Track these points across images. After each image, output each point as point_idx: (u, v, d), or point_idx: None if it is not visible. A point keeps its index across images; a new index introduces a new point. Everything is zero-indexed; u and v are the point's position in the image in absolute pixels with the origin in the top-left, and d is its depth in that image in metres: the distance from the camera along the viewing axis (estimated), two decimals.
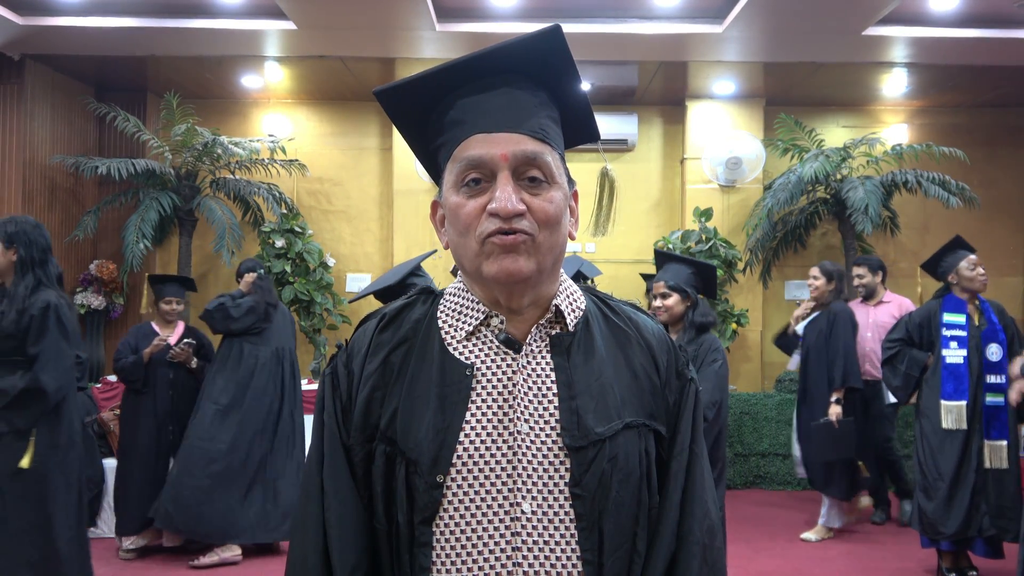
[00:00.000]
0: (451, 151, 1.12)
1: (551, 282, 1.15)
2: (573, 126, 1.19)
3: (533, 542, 1.07)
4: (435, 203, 1.19)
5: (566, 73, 1.14)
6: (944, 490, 4.29)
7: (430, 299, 1.21)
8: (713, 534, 1.16)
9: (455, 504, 1.07)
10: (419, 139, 1.21)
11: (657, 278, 3.51)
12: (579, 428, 1.09)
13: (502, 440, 1.09)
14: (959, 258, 4.44)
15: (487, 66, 1.12)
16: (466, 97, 1.12)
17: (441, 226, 1.18)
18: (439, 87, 1.14)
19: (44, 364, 3.13)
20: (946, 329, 4.42)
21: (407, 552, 1.09)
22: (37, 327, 3.15)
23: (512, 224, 1.06)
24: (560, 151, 1.15)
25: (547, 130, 1.12)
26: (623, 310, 1.23)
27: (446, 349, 1.13)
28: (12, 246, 3.23)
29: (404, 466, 1.09)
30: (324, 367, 1.22)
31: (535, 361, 1.12)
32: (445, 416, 1.09)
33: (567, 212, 1.14)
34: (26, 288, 3.20)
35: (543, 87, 1.14)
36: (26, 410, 3.13)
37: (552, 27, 1.10)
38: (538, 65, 1.12)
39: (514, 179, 1.08)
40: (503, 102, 1.11)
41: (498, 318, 1.13)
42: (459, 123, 1.12)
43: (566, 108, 1.17)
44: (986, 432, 4.30)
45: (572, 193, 1.17)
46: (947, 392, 4.35)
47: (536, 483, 1.07)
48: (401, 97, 1.16)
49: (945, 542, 4.35)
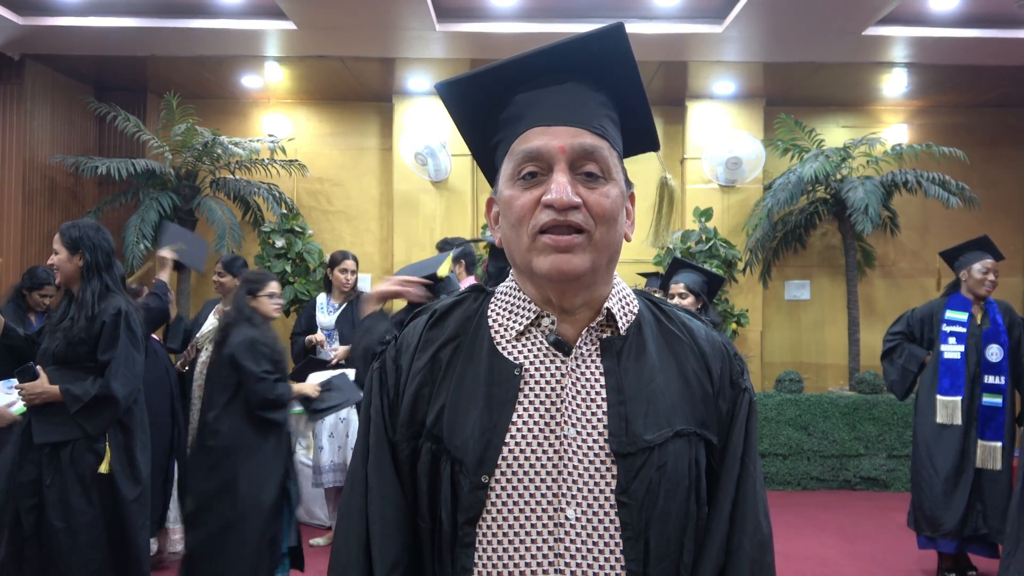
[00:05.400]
0: (508, 146, 1.10)
1: (604, 283, 1.12)
2: (632, 132, 1.17)
3: (576, 549, 1.05)
4: (490, 200, 1.18)
5: (628, 74, 1.12)
6: (940, 486, 4.30)
7: (481, 297, 1.19)
8: (764, 549, 1.13)
9: (499, 506, 1.05)
10: (477, 136, 1.19)
11: (675, 280, 4.04)
12: (627, 434, 1.06)
13: (548, 444, 1.06)
14: (977, 258, 4.41)
15: (549, 63, 1.10)
16: (526, 92, 1.11)
17: (495, 223, 1.16)
18: (499, 83, 1.12)
19: (115, 371, 3.12)
20: (946, 325, 4.43)
21: (449, 552, 1.08)
22: (109, 334, 3.15)
23: (567, 217, 1.04)
24: (619, 150, 1.13)
25: (606, 127, 1.10)
26: (677, 315, 1.20)
27: (495, 348, 1.12)
28: (78, 251, 3.21)
29: (449, 465, 1.07)
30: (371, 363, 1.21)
31: (584, 364, 1.10)
32: (492, 416, 1.07)
33: (623, 212, 1.12)
34: (93, 293, 3.18)
35: (604, 87, 1.12)
36: (97, 417, 3.12)
37: (614, 25, 1.08)
38: (600, 64, 1.10)
39: (571, 172, 1.06)
40: (563, 98, 1.09)
41: (549, 318, 1.11)
42: (518, 118, 1.10)
43: (626, 112, 1.15)
44: (980, 432, 4.30)
45: (629, 195, 1.15)
46: (943, 387, 4.37)
47: (581, 489, 1.05)
48: (461, 92, 1.15)
49: (944, 542, 4.35)
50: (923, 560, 4.74)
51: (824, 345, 7.67)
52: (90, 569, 3.09)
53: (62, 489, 3.07)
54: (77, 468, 3.09)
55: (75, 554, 3.06)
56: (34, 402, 3.10)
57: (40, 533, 3.07)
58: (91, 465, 3.11)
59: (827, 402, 6.50)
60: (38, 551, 3.07)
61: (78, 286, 3.24)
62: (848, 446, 6.47)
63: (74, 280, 3.25)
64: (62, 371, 3.15)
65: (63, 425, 3.10)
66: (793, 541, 5.20)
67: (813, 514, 5.82)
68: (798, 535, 5.32)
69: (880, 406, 6.47)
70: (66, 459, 3.09)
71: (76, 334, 3.14)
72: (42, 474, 3.08)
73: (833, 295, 7.62)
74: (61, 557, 3.05)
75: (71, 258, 3.22)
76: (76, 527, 3.07)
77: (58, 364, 3.16)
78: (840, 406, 6.49)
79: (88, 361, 3.17)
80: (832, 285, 7.63)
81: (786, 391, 6.66)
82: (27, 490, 3.08)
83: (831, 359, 7.64)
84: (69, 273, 3.24)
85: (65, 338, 3.14)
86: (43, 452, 3.10)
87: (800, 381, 6.76)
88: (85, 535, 3.08)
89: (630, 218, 1.16)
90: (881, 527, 5.52)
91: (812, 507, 6.02)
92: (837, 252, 7.47)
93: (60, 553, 3.05)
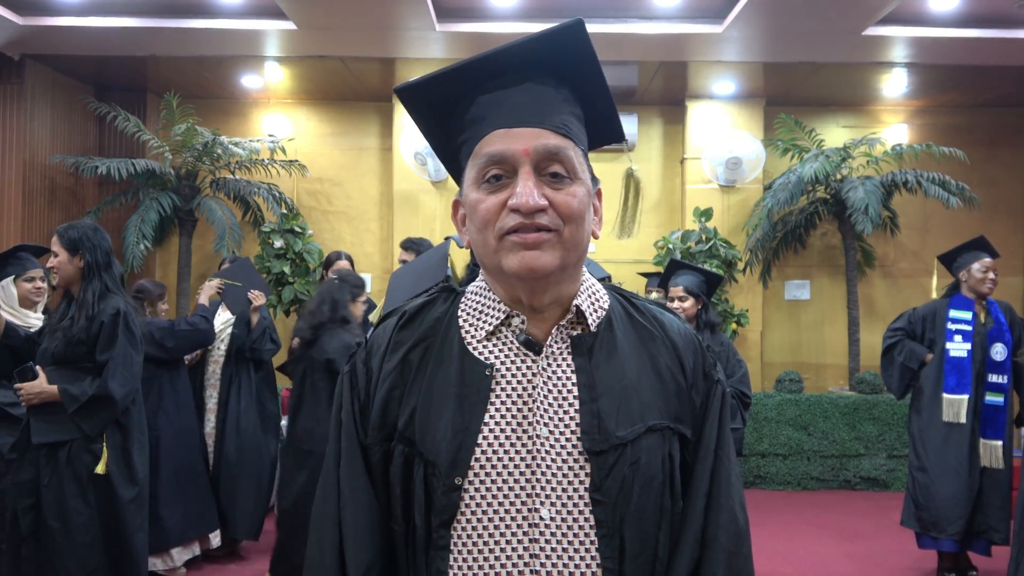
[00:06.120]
0: (472, 147, 1.10)
1: (573, 281, 1.12)
2: (597, 125, 1.16)
3: (552, 549, 1.05)
4: (456, 202, 1.17)
5: (589, 69, 1.11)
6: (949, 487, 4.29)
7: (451, 298, 1.19)
8: (739, 541, 1.12)
9: (473, 508, 1.05)
10: (440, 138, 1.18)
11: (674, 283, 4.00)
12: (600, 432, 1.06)
13: (521, 444, 1.06)
14: (975, 258, 4.41)
15: (508, 62, 1.09)
16: (487, 93, 1.09)
17: (462, 225, 1.16)
18: (460, 84, 1.11)
19: (113, 371, 3.13)
20: (951, 323, 4.41)
21: (424, 555, 1.08)
22: (108, 334, 3.16)
23: (534, 219, 1.04)
24: (583, 148, 1.12)
25: (570, 126, 1.09)
26: (648, 309, 1.20)
27: (466, 349, 1.11)
28: (78, 252, 3.22)
29: (422, 467, 1.07)
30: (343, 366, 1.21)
31: (555, 363, 1.10)
32: (464, 417, 1.07)
33: (590, 209, 1.11)
34: (94, 294, 3.19)
35: (566, 83, 1.11)
36: (95, 417, 3.13)
37: (574, 21, 1.07)
38: (560, 60, 1.09)
39: (536, 175, 1.05)
40: (525, 98, 1.08)
41: (519, 318, 1.11)
42: (480, 119, 1.09)
43: (589, 106, 1.14)
44: (982, 431, 4.30)
45: (596, 191, 1.14)
46: (949, 386, 4.35)
47: (555, 488, 1.05)
48: (422, 95, 1.14)
49: (947, 541, 4.34)
50: (922, 560, 4.74)
51: (824, 345, 7.67)
52: (86, 569, 3.09)
53: (59, 489, 3.07)
54: (74, 468, 3.09)
55: (71, 554, 3.06)
56: (33, 402, 3.11)
57: (37, 533, 3.07)
58: (88, 465, 3.11)
59: (827, 402, 6.50)
60: (35, 551, 3.07)
61: (78, 287, 3.24)
62: (848, 446, 6.47)
63: (74, 281, 3.26)
64: (61, 371, 3.15)
65: (62, 425, 3.10)
66: (793, 541, 5.20)
67: (813, 514, 5.82)
68: (798, 535, 5.32)
69: (880, 406, 6.47)
70: (63, 459, 3.09)
71: (75, 334, 3.14)
72: (39, 474, 3.08)
73: (833, 295, 7.61)
74: (57, 557, 3.05)
75: (71, 259, 3.22)
76: (72, 527, 3.07)
77: (57, 364, 3.16)
78: (840, 406, 6.49)
79: (86, 361, 3.17)
80: (832, 285, 7.63)
81: (786, 391, 6.66)
82: (24, 490, 3.09)
83: (831, 359, 7.63)
84: (70, 274, 3.24)
85: (64, 338, 3.15)
86: (40, 452, 3.10)
87: (800, 381, 6.76)
88: (81, 535, 3.08)
89: (597, 215, 1.15)
90: (881, 527, 5.51)
91: (812, 507, 6.02)
92: (837, 252, 7.47)
93: (56, 553, 3.05)
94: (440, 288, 1.21)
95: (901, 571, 4.68)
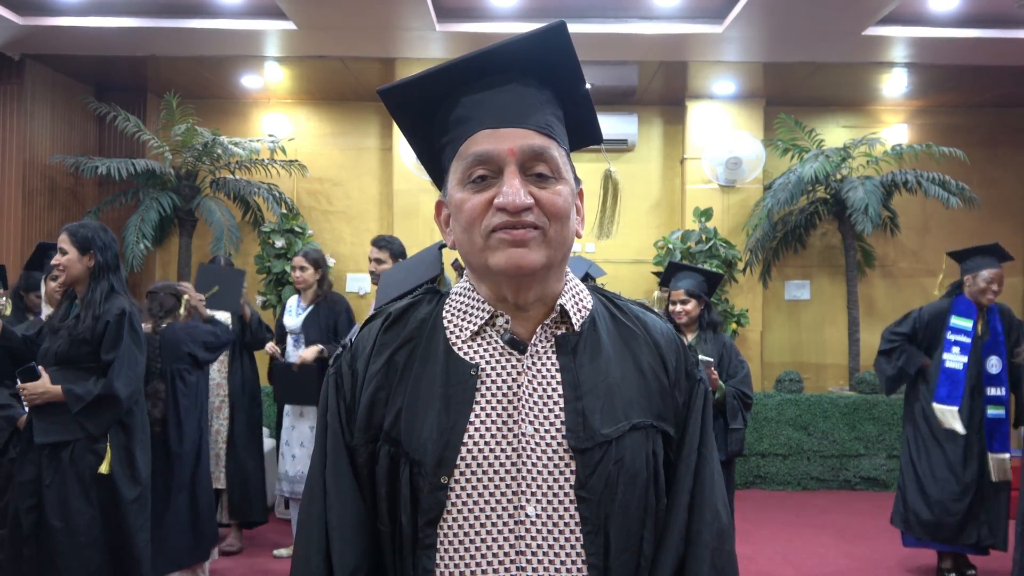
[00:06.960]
0: (456, 149, 1.10)
1: (557, 280, 1.13)
2: (576, 127, 1.18)
3: (537, 546, 1.06)
4: (439, 203, 1.18)
5: (570, 71, 1.13)
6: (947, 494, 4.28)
7: (436, 298, 1.19)
8: (723, 537, 1.14)
9: (459, 506, 1.06)
10: (423, 139, 1.19)
11: (675, 287, 4.00)
12: (584, 429, 1.07)
13: (506, 442, 1.07)
14: (984, 265, 4.34)
15: (492, 63, 1.10)
16: (471, 95, 1.10)
17: (446, 226, 1.16)
18: (443, 85, 1.12)
19: (118, 371, 3.13)
20: (951, 333, 4.37)
21: (410, 554, 1.08)
22: (113, 334, 3.15)
23: (520, 218, 1.05)
24: (566, 148, 1.13)
25: (553, 126, 1.11)
26: (631, 309, 1.21)
27: (451, 349, 1.12)
28: (88, 252, 3.21)
29: (408, 467, 1.08)
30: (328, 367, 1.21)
31: (540, 362, 1.11)
32: (450, 416, 1.08)
33: (574, 209, 1.13)
34: (101, 293, 3.19)
35: (548, 85, 1.12)
36: (99, 416, 3.13)
37: (556, 23, 1.08)
38: (542, 62, 1.10)
39: (521, 174, 1.07)
40: (509, 98, 1.09)
41: (503, 318, 1.12)
42: (464, 120, 1.10)
43: (570, 108, 1.16)
44: (989, 445, 4.28)
45: (578, 192, 1.16)
46: (940, 396, 4.33)
47: (541, 486, 1.06)
48: (405, 96, 1.15)
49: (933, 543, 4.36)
50: (922, 560, 4.74)
51: (824, 345, 7.67)
52: (89, 569, 3.08)
53: (61, 489, 3.07)
54: (77, 468, 3.09)
55: (74, 554, 3.06)
56: (35, 402, 3.10)
57: (39, 533, 3.07)
58: (91, 465, 3.11)
59: (827, 402, 6.51)
60: (37, 551, 3.07)
61: (84, 286, 3.24)
62: (848, 446, 6.47)
63: (81, 280, 3.25)
64: (64, 371, 3.15)
65: (64, 425, 3.10)
66: (793, 541, 5.20)
67: (813, 514, 5.82)
68: (798, 535, 5.32)
69: (880, 406, 6.47)
70: (66, 459, 3.09)
71: (81, 333, 3.14)
72: (41, 474, 3.08)
73: (833, 295, 7.62)
74: (60, 557, 3.05)
75: (81, 258, 3.21)
76: (75, 527, 3.07)
77: (60, 364, 3.16)
78: (840, 406, 6.49)
79: (90, 361, 3.17)
80: (832, 285, 7.63)
81: (786, 391, 6.66)
82: (26, 490, 3.08)
83: (831, 359, 7.64)
84: (78, 273, 3.23)
85: (69, 337, 3.14)
86: (43, 452, 3.10)
87: (800, 381, 6.77)
88: (84, 535, 3.08)
89: (580, 215, 1.16)
90: (881, 527, 5.50)
91: (812, 507, 6.02)
92: (837, 252, 7.47)
93: (59, 553, 3.05)
94: (425, 290, 1.22)
95: (901, 571, 4.68)
